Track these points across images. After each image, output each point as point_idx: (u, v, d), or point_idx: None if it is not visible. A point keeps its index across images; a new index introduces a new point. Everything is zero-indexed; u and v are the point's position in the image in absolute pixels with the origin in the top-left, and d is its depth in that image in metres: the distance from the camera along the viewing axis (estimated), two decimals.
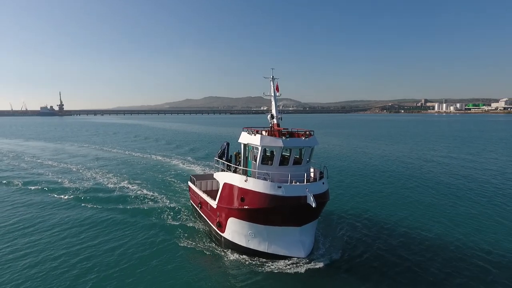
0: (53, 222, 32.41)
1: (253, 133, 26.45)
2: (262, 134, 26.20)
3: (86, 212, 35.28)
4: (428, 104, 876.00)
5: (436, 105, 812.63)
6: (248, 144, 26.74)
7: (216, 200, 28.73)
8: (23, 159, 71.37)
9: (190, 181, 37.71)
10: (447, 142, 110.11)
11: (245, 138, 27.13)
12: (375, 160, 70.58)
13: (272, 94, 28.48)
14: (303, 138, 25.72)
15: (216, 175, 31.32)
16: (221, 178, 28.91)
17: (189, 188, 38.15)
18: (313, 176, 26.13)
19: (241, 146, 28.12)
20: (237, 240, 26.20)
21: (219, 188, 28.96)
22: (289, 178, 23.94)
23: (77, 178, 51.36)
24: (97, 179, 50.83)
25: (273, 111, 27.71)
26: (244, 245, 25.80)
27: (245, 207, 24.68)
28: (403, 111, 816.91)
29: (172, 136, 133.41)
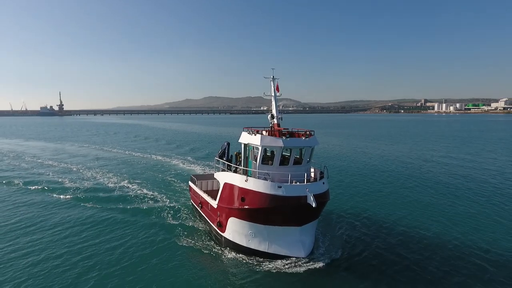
0: (54, 221, 32.61)
1: (254, 133, 26.54)
2: (263, 134, 26.30)
3: (87, 212, 35.48)
4: (428, 104, 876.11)
5: (436, 105, 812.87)
6: (249, 144, 26.85)
7: (217, 200, 28.85)
8: (24, 159, 71.53)
9: (191, 181, 37.84)
10: (447, 142, 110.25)
11: (246, 138, 27.24)
12: (375, 160, 70.76)
13: (273, 94, 28.58)
14: (304, 138, 25.82)
15: (217, 175, 31.44)
16: (222, 178, 29.01)
17: (190, 188, 38.31)
18: (313, 176, 26.26)
19: (242, 146, 28.21)
20: (238, 240, 26.33)
21: (220, 188, 29.05)
22: (290, 178, 24.03)
23: (78, 178, 51.54)
24: (98, 179, 51.00)
25: (273, 111, 27.81)
26: (245, 245, 25.93)
27: (246, 207, 24.79)
28: (403, 111, 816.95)
29: (172, 136, 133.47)
